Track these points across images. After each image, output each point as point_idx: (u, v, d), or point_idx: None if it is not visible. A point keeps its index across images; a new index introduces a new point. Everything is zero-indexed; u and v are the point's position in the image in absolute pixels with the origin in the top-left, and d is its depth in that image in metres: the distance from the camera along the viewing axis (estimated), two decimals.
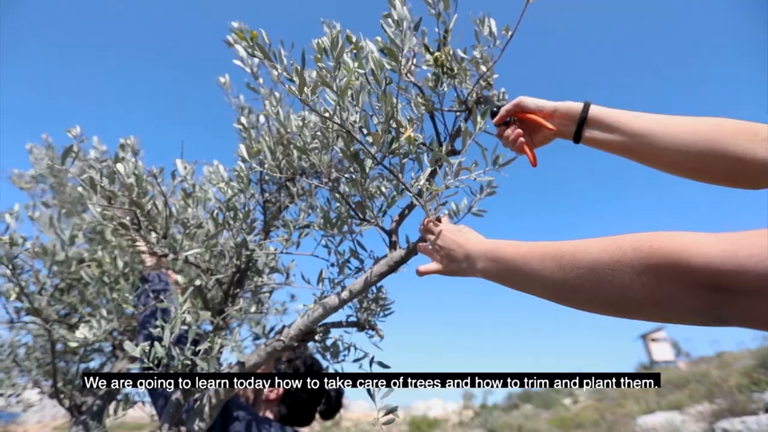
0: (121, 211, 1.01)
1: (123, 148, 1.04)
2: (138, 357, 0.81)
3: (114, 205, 0.97)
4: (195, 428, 0.87)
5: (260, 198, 1.07)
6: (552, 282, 0.54)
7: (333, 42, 0.73)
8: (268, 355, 0.92)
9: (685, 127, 0.70)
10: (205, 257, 0.98)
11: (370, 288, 0.97)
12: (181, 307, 0.79)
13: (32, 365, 1.92)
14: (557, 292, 0.55)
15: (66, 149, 0.86)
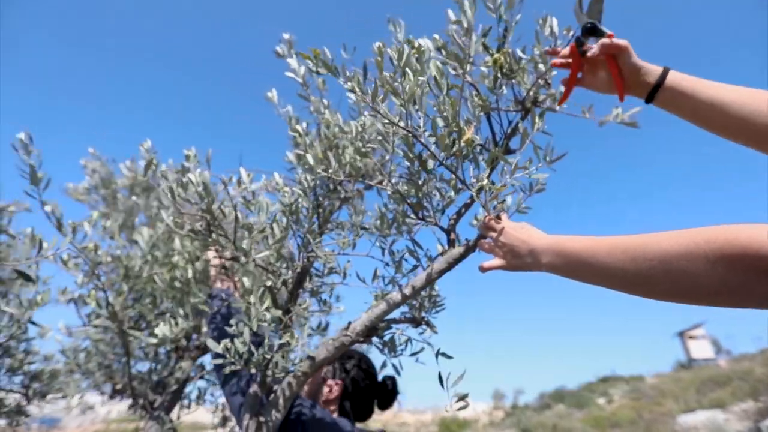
0: (189, 218, 1.08)
1: (188, 159, 1.11)
2: (221, 353, 0.87)
3: (185, 213, 1.04)
4: (272, 418, 0.92)
5: (313, 202, 1.12)
6: (622, 273, 0.58)
7: (399, 53, 0.77)
8: (336, 349, 0.97)
9: (750, 96, 0.72)
10: (271, 260, 1.04)
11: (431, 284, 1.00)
12: (261, 305, 0.85)
13: (94, 368, 2.04)
14: (627, 282, 0.58)
15: (147, 162, 0.94)
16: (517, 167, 0.91)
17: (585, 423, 9.39)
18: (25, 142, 1.09)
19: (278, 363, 0.91)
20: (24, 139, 1.08)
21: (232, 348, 0.86)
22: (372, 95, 0.76)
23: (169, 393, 1.39)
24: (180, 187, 0.95)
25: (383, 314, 0.98)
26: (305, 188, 1.06)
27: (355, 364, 1.24)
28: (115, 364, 2.12)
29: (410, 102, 0.79)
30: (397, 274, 1.17)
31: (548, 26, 0.87)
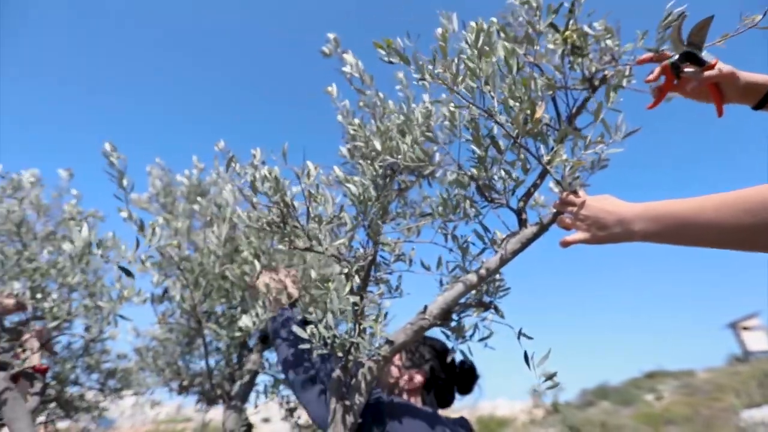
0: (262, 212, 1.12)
1: (255, 157, 1.16)
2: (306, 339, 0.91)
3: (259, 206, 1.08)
4: (356, 402, 0.95)
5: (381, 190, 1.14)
6: (736, 227, 0.59)
7: (476, 35, 0.78)
8: (414, 333, 0.98)
9: None
10: (342, 249, 1.06)
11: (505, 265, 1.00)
12: (343, 291, 0.87)
13: (163, 366, 2.15)
14: (742, 236, 0.59)
15: (228, 159, 0.99)
16: (590, 143, 0.90)
17: (637, 420, 9.01)
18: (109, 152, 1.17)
19: (360, 347, 0.94)
20: (110, 147, 1.16)
21: (317, 333, 0.89)
22: (452, 77, 0.77)
23: (242, 385, 1.44)
24: (258, 182, 0.99)
25: (459, 296, 0.99)
26: (373, 176, 1.09)
27: (432, 351, 1.25)
28: (180, 362, 2.23)
29: (488, 83, 0.80)
30: (464, 259, 1.17)
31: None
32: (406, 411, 1.07)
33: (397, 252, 1.18)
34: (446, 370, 1.27)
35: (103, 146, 1.17)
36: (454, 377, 1.27)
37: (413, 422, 1.05)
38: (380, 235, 1.06)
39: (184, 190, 2.11)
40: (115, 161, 1.15)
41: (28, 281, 1.31)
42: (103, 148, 1.16)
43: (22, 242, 1.50)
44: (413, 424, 1.04)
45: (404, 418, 1.05)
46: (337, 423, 0.91)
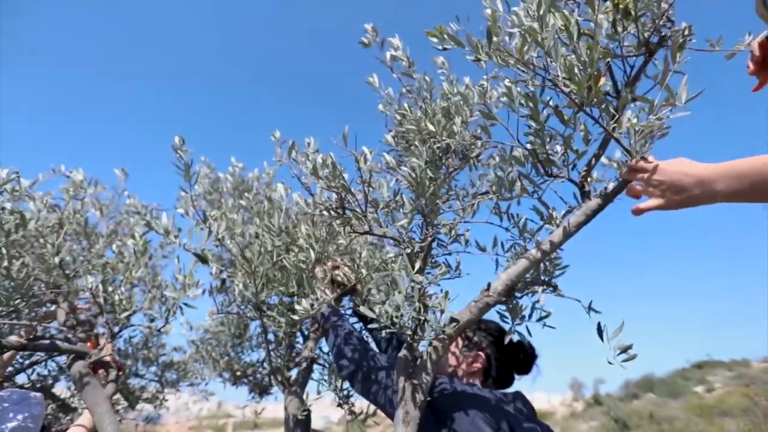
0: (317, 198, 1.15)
1: (309, 146, 1.18)
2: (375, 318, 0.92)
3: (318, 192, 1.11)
4: (423, 381, 0.95)
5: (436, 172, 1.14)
6: None
7: (538, 4, 0.76)
8: (479, 311, 0.98)
9: None
10: (401, 231, 1.07)
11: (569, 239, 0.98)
12: (412, 272, 0.88)
13: (218, 357, 2.23)
14: None
15: (291, 145, 1.01)
16: (654, 107, 0.87)
17: (688, 412, 8.61)
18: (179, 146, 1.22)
19: (426, 326, 0.94)
20: (179, 141, 1.21)
21: (384, 313, 0.90)
22: (519, 49, 0.76)
23: (300, 372, 1.48)
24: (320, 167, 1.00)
25: (523, 272, 0.98)
26: (427, 158, 1.08)
27: (488, 335, 1.24)
28: (231, 353, 2.31)
29: (548, 53, 0.78)
30: (522, 237, 1.16)
31: None
32: (468, 394, 1.07)
33: (453, 233, 1.18)
34: (503, 352, 1.26)
35: (174, 140, 1.22)
36: (511, 358, 1.26)
37: (476, 404, 1.05)
38: (438, 215, 1.06)
39: (229, 186, 2.18)
40: (183, 155, 1.20)
41: (99, 275, 1.39)
42: (173, 142, 1.21)
43: (89, 241, 1.59)
44: (476, 406, 1.04)
45: (467, 401, 1.05)
46: (407, 401, 0.91)
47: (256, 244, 1.27)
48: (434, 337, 0.96)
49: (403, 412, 0.90)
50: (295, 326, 1.43)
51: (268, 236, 1.23)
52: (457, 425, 0.99)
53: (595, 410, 12.03)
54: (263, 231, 1.28)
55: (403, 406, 0.91)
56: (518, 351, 1.26)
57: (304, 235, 1.26)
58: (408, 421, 0.89)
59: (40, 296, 1.33)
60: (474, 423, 0.98)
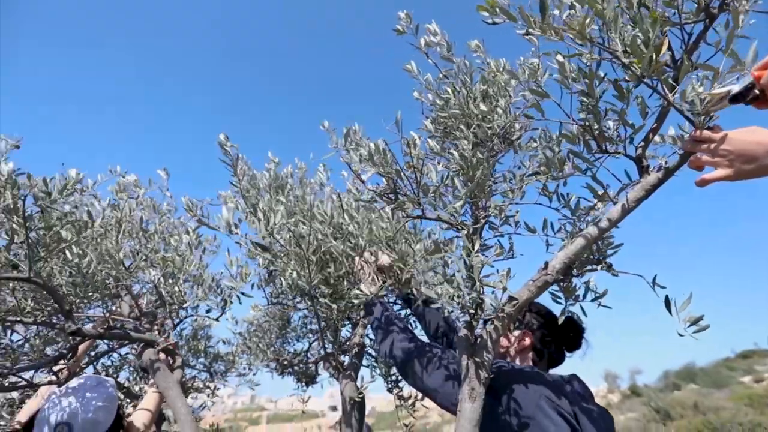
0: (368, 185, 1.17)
1: (355, 132, 1.21)
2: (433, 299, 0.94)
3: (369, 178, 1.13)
4: (485, 358, 0.97)
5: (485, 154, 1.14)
6: None
7: None
8: (538, 289, 0.98)
9: None
10: (454, 214, 1.08)
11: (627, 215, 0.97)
12: (472, 251, 0.89)
13: (264, 347, 2.31)
14: None
15: (346, 131, 1.04)
16: (718, 74, 0.84)
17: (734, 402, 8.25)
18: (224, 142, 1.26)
19: (485, 305, 0.95)
20: (224, 138, 1.26)
21: (445, 293, 0.92)
22: (581, 21, 0.75)
23: (351, 357, 1.52)
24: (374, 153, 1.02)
25: (581, 250, 0.97)
26: (478, 142, 1.09)
27: (537, 316, 1.24)
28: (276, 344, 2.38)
29: (613, 24, 0.77)
30: (573, 216, 1.15)
31: None
32: (526, 373, 1.08)
33: (503, 215, 1.18)
34: (553, 331, 1.26)
35: (218, 137, 1.27)
36: (561, 336, 1.26)
37: (533, 381, 1.05)
38: (490, 198, 1.06)
39: (266, 182, 2.24)
40: (229, 150, 1.25)
41: (160, 269, 1.46)
42: (218, 138, 1.26)
43: (145, 237, 1.67)
44: (533, 382, 1.05)
45: (524, 379, 1.05)
46: (471, 378, 0.93)
47: (306, 233, 1.30)
48: (494, 316, 0.97)
49: (469, 388, 0.91)
50: (346, 313, 1.46)
51: (319, 225, 1.27)
52: (514, 401, 0.99)
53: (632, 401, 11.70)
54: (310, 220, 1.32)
55: (468, 382, 0.92)
56: (568, 329, 1.26)
57: (353, 223, 1.29)
58: (474, 397, 0.90)
59: (108, 290, 1.41)
60: (531, 399, 0.99)
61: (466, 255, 0.99)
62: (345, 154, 1.13)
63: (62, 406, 1.25)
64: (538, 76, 1.01)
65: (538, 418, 0.95)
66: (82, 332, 1.18)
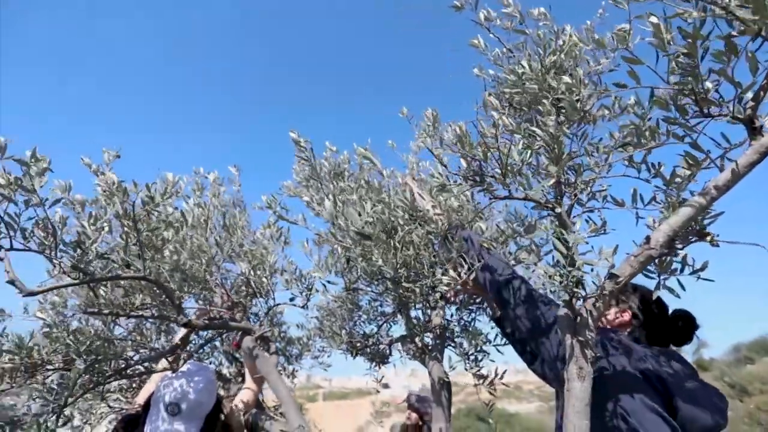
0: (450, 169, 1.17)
1: (429, 117, 1.21)
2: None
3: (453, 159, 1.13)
4: (589, 337, 0.96)
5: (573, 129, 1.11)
6: None
7: None
8: (640, 264, 0.95)
9: None
10: (542, 193, 1.06)
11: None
12: (566, 229, 0.88)
13: (338, 330, 2.40)
14: None
15: (434, 116, 1.04)
16: None
17: None
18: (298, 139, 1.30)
19: (585, 283, 0.94)
20: (296, 134, 1.29)
21: (544, 273, 0.92)
22: None
23: (434, 339, 1.55)
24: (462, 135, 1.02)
25: (687, 221, 0.93)
26: (563, 115, 1.06)
27: (637, 296, 1.21)
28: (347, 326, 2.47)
29: None
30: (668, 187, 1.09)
31: None
32: (624, 344, 1.06)
33: (590, 190, 1.15)
34: (657, 317, 1.21)
35: (290, 134, 1.31)
36: (666, 326, 1.21)
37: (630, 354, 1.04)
38: (582, 174, 1.03)
39: (327, 171, 2.28)
40: (304, 145, 1.29)
41: (248, 262, 1.56)
42: (291, 135, 1.30)
43: (229, 232, 1.77)
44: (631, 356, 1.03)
45: (622, 351, 1.04)
46: (577, 357, 0.93)
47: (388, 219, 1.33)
48: (596, 294, 0.96)
49: (577, 367, 0.92)
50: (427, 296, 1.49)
51: (401, 210, 1.29)
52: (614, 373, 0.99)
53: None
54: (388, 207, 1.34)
55: (575, 362, 0.93)
56: (672, 320, 1.21)
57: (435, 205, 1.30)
58: (583, 376, 0.90)
59: (204, 283, 1.52)
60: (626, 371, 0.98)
61: (560, 233, 0.97)
62: (425, 140, 1.14)
63: (173, 388, 1.38)
64: (628, 41, 0.96)
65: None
66: (192, 324, 1.29)
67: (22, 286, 0.99)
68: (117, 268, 1.26)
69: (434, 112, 1.10)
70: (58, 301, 1.85)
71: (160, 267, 1.40)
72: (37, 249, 1.09)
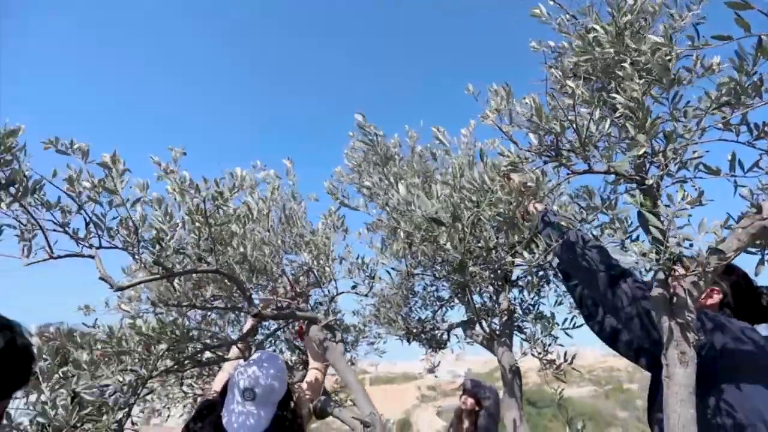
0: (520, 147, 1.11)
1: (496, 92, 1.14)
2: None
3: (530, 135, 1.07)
4: (687, 318, 0.88)
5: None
6: None
7: None
8: (750, 237, 0.86)
9: None
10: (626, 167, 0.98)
11: None
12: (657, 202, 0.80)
13: (394, 317, 2.41)
14: None
15: (508, 91, 0.99)
16: None
17: None
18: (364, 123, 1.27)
19: (683, 259, 0.86)
20: (362, 118, 1.27)
21: (638, 251, 0.85)
22: None
23: (502, 324, 1.51)
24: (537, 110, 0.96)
25: None
26: (648, 79, 0.97)
27: (735, 280, 1.11)
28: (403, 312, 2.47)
29: None
30: None
31: None
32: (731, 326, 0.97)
33: (679, 158, 1.04)
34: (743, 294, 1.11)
35: (356, 117, 1.29)
36: (754, 303, 1.11)
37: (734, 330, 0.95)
38: (675, 141, 0.94)
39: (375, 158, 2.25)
40: (370, 131, 1.26)
41: (309, 252, 1.57)
42: (356, 120, 1.28)
43: (289, 223, 1.80)
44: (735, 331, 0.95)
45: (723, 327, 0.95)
46: (678, 341, 0.86)
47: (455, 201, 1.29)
48: (697, 272, 0.88)
49: (678, 352, 0.85)
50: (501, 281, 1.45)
51: (467, 192, 1.24)
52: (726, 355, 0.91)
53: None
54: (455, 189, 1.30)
55: (675, 346, 0.86)
56: (761, 296, 1.10)
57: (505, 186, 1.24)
58: (686, 361, 0.83)
59: (269, 274, 1.55)
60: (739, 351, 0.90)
61: (652, 207, 0.90)
62: (494, 117, 1.08)
63: (247, 375, 1.43)
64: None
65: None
66: (262, 314, 1.32)
67: (113, 282, 1.04)
68: (191, 262, 1.31)
69: (506, 86, 1.04)
70: (133, 295, 1.97)
71: (229, 260, 1.44)
72: (122, 246, 1.14)
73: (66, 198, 1.10)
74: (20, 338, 0.63)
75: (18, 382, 0.64)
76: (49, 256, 1.04)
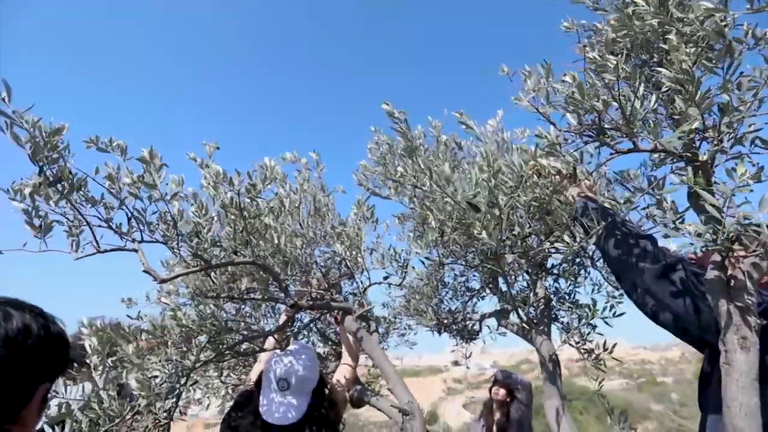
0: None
1: (529, 73, 1.10)
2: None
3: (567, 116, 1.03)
4: (747, 302, 0.83)
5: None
6: None
7: None
8: None
9: None
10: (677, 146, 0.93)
11: None
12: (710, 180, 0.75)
13: (425, 308, 2.39)
14: None
15: (547, 68, 0.95)
16: None
17: None
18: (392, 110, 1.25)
19: (743, 239, 0.81)
20: (390, 106, 1.25)
21: (693, 231, 0.80)
22: None
23: (538, 312, 1.47)
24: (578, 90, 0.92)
25: None
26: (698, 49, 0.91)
27: None
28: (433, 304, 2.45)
29: None
30: None
31: None
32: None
33: (734, 133, 0.98)
34: None
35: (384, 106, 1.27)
36: None
37: None
38: (731, 114, 0.88)
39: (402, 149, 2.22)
40: (399, 116, 1.24)
41: (342, 243, 1.58)
42: (384, 108, 1.26)
43: (320, 215, 1.80)
44: None
45: None
46: (738, 326, 0.81)
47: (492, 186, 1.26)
48: (759, 252, 0.82)
49: (739, 337, 0.80)
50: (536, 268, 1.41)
51: (501, 176, 1.21)
52: None
53: None
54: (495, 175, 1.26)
55: (735, 331, 0.81)
56: None
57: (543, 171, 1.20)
58: (748, 347, 0.79)
59: (303, 266, 1.57)
60: None
61: (705, 185, 0.85)
62: (529, 99, 1.04)
63: (282, 365, 1.45)
64: None
65: None
66: (298, 305, 1.34)
67: (156, 275, 1.07)
68: (227, 255, 1.34)
69: (546, 63, 1.00)
70: (172, 289, 2.03)
71: (263, 252, 1.46)
72: (162, 240, 1.17)
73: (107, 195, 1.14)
74: (53, 325, 0.64)
75: (56, 369, 0.65)
76: (96, 250, 1.08)
